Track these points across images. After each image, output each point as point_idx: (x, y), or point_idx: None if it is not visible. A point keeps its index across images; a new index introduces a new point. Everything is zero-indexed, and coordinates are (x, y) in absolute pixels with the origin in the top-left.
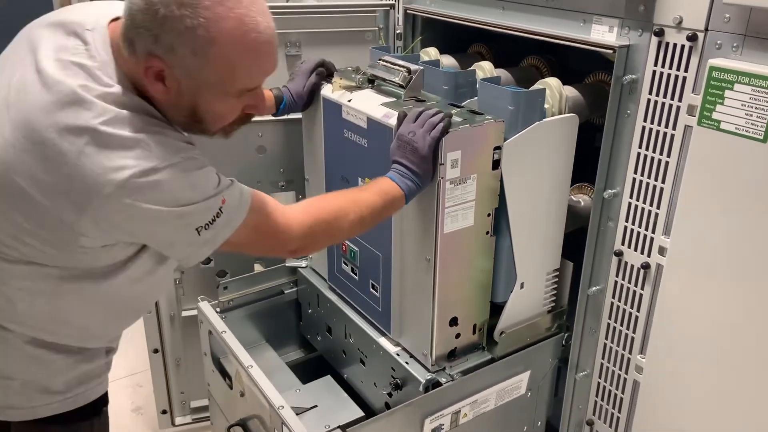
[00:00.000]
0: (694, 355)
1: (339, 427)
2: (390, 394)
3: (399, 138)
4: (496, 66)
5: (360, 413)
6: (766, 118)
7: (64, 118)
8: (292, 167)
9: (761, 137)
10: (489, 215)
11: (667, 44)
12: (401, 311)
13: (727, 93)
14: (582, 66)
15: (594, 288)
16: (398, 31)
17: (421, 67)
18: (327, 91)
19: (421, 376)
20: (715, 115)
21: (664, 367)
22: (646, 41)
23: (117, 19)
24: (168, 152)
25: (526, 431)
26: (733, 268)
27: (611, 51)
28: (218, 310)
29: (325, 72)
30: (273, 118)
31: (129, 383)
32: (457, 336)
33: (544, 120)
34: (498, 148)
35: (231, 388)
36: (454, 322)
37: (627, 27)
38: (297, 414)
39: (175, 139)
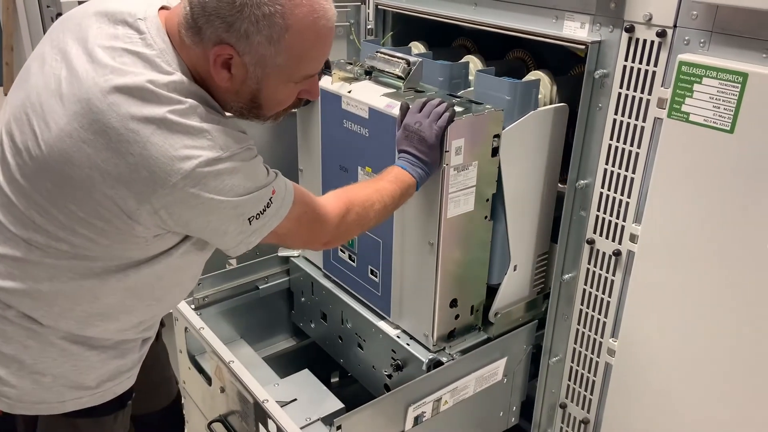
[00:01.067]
0: (664, 338)
1: (320, 419)
2: (390, 376)
3: (405, 128)
4: None
5: (340, 405)
6: (732, 111)
7: (130, 107)
8: (275, 160)
9: (728, 128)
10: (487, 200)
11: (638, 40)
12: (402, 295)
13: (696, 86)
14: (557, 60)
15: (567, 275)
16: (369, 27)
17: (420, 59)
18: (325, 83)
19: (423, 356)
20: (684, 108)
21: (635, 349)
22: (617, 37)
23: (164, 7)
24: (230, 142)
25: (502, 416)
26: (701, 254)
27: (583, 47)
28: (193, 306)
29: (323, 66)
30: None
31: None
32: (456, 317)
33: (539, 109)
34: (497, 136)
35: (209, 384)
36: (453, 303)
37: (598, 23)
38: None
39: (233, 128)
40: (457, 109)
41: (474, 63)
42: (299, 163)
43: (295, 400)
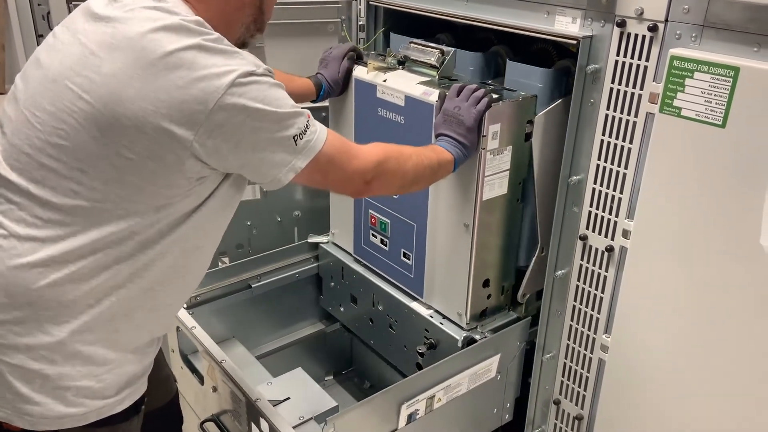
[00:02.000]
0: (657, 333)
1: (313, 417)
2: (422, 354)
3: (444, 113)
4: None
5: (333, 403)
6: (724, 105)
7: (171, 40)
8: None
9: (720, 123)
10: (519, 184)
11: (629, 35)
12: (434, 276)
13: (688, 81)
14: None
15: (560, 272)
16: (361, 23)
17: (453, 49)
18: (359, 73)
19: (457, 334)
20: (676, 103)
21: (628, 344)
22: (608, 32)
23: None
24: (259, 62)
25: (496, 413)
26: (694, 250)
27: (575, 42)
28: (185, 306)
29: (356, 56)
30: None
31: None
32: (488, 297)
33: (567, 96)
34: (530, 121)
35: (202, 384)
36: (486, 284)
37: (590, 18)
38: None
39: None
40: (493, 95)
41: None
42: None
43: (288, 398)
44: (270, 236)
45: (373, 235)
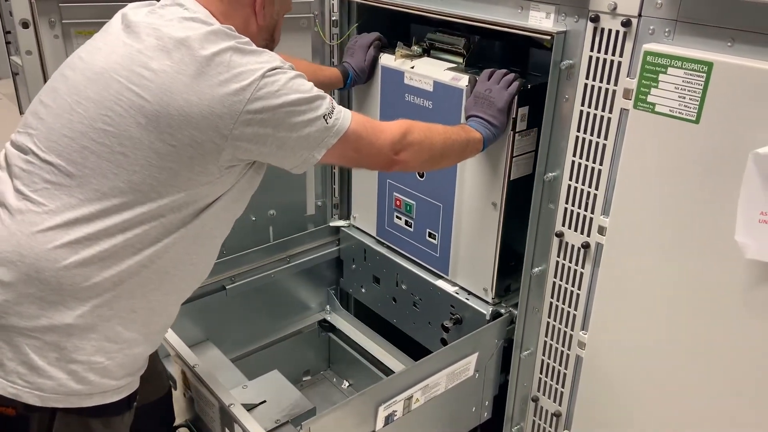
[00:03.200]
0: (633, 329)
1: (290, 421)
2: (447, 330)
3: (476, 95)
4: None
5: (310, 405)
6: (698, 100)
7: (212, 44)
8: None
9: (694, 119)
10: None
11: (603, 30)
12: (460, 254)
13: (661, 77)
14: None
15: (537, 269)
16: (334, 18)
17: (479, 36)
18: (386, 60)
19: (484, 309)
20: (650, 98)
21: (605, 341)
22: (582, 27)
23: None
24: (281, 59)
25: (475, 411)
26: (668, 245)
27: (549, 37)
28: None
29: (381, 45)
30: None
31: None
32: (512, 273)
33: None
34: None
35: (175, 388)
36: (511, 259)
37: (563, 13)
38: (246, 410)
39: None
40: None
41: None
42: None
43: (264, 401)
44: (244, 236)
45: (397, 217)
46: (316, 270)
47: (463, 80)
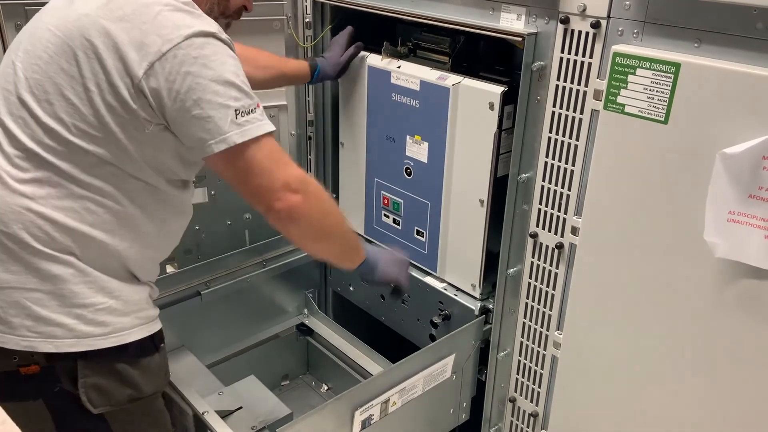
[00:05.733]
0: (607, 329)
1: (266, 426)
2: (435, 326)
3: (402, 262)
4: None
5: (287, 411)
6: (666, 101)
7: None
8: None
9: (662, 119)
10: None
11: (573, 31)
12: (448, 251)
13: (630, 78)
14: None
15: (512, 270)
16: (307, 20)
17: (464, 36)
18: (372, 60)
19: (472, 304)
20: (619, 99)
21: (579, 340)
22: (552, 29)
23: None
24: (221, 30)
25: (453, 413)
26: (640, 245)
27: (520, 39)
28: None
29: (363, 45)
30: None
31: None
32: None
33: None
34: None
35: None
36: (496, 256)
37: (534, 15)
38: (222, 417)
39: None
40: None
41: None
42: (340, 138)
43: (241, 408)
44: (220, 240)
45: (385, 215)
46: (293, 273)
47: (449, 79)
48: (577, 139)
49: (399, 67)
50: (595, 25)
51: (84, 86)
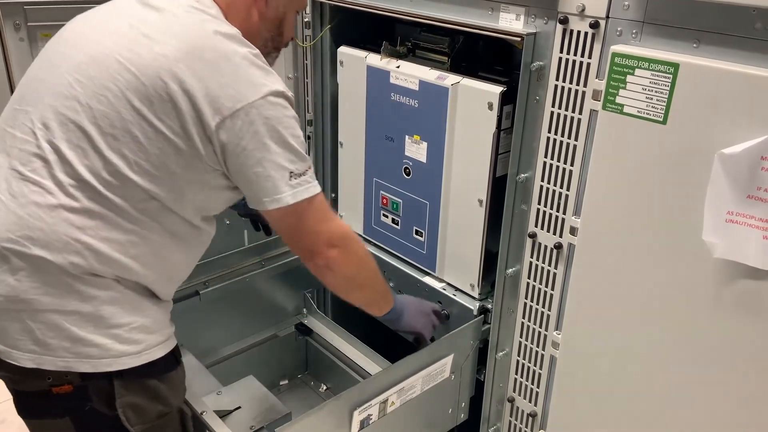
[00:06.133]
0: (605, 329)
1: (265, 426)
2: (434, 327)
3: (422, 310)
4: None
5: (285, 411)
6: (665, 101)
7: (226, 44)
8: None
9: (661, 119)
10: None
11: (572, 31)
12: (447, 251)
13: (629, 78)
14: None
15: (511, 269)
16: (306, 20)
17: (463, 36)
18: (371, 60)
19: (471, 304)
20: (618, 100)
21: (577, 341)
22: (551, 29)
23: None
24: (286, 87)
25: (451, 413)
26: (639, 245)
27: (519, 39)
28: None
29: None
30: None
31: None
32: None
33: None
34: None
35: None
36: (495, 256)
37: (533, 15)
38: (221, 417)
39: None
40: (503, 79)
41: None
42: (339, 137)
43: (239, 408)
44: (218, 240)
45: (384, 215)
46: (292, 273)
47: (448, 79)
48: (576, 139)
49: (398, 66)
50: (594, 26)
51: (153, 126)
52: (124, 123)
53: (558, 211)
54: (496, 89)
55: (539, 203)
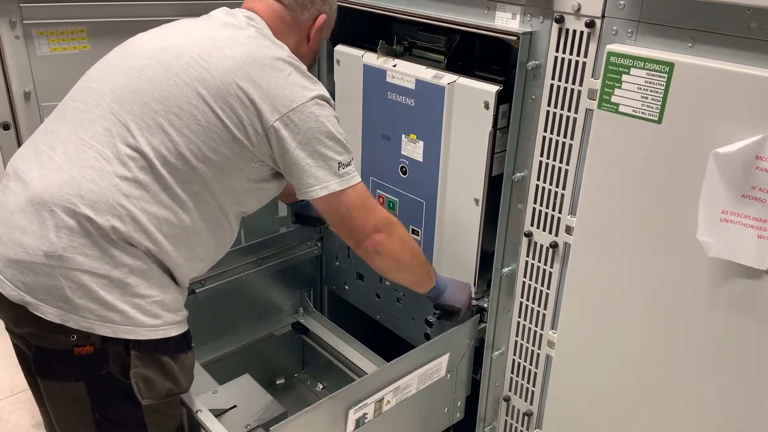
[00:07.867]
0: (600, 328)
1: (261, 425)
2: (430, 325)
3: (468, 293)
4: None
5: (282, 410)
6: (660, 101)
7: (279, 56)
8: None
9: (656, 119)
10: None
11: (567, 30)
12: (443, 250)
13: (624, 77)
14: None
15: (506, 269)
16: None
17: (459, 35)
18: (368, 59)
19: None
20: (613, 99)
21: (573, 340)
22: (547, 28)
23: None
24: (329, 96)
25: (447, 412)
26: (634, 244)
27: (515, 38)
28: None
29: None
30: None
31: (29, 397)
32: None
33: None
34: None
35: None
36: (491, 255)
37: (529, 14)
38: (216, 416)
39: None
40: (499, 78)
41: None
42: None
43: (235, 406)
44: None
45: None
46: (288, 272)
47: (444, 78)
48: (572, 139)
49: (395, 65)
50: (590, 25)
51: (216, 114)
52: (189, 106)
53: (554, 210)
54: (492, 88)
55: (535, 202)
